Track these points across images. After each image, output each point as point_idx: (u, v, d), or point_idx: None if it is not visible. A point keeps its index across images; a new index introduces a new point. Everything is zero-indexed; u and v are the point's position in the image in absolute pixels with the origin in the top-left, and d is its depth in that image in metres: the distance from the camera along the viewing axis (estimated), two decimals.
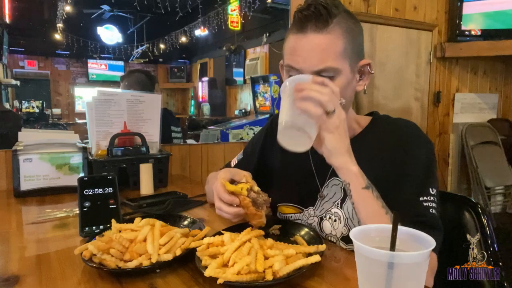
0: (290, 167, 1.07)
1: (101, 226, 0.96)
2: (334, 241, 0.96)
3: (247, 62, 6.92)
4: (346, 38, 0.87)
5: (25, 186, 1.43)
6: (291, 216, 1.04)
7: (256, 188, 0.91)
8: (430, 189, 0.87)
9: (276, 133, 1.13)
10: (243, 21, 6.88)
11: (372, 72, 0.95)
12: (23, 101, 7.62)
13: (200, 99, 8.94)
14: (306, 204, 1.02)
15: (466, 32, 3.25)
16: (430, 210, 0.85)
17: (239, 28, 7.04)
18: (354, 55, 0.90)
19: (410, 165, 0.90)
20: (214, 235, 0.81)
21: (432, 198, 0.86)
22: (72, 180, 1.46)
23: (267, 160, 1.14)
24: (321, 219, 0.98)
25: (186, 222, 0.99)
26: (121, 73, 9.78)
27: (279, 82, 5.26)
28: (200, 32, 7.92)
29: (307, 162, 1.02)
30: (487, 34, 3.21)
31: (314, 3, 0.86)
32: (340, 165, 0.83)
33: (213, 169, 1.11)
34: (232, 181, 0.93)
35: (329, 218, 0.96)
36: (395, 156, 0.91)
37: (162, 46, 9.07)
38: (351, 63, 0.89)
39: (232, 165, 1.20)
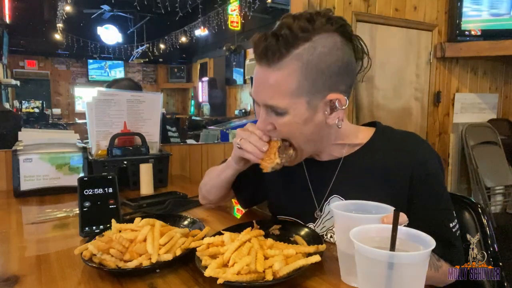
0: (287, 182, 1.04)
1: (101, 226, 0.96)
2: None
3: (247, 62, 6.92)
4: (305, 73, 0.79)
5: (25, 186, 1.43)
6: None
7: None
8: (453, 212, 0.91)
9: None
10: (243, 21, 6.88)
11: (343, 108, 0.84)
12: (23, 101, 7.63)
13: (200, 99, 8.94)
14: (305, 220, 0.99)
15: (466, 32, 3.25)
16: (457, 233, 0.90)
17: (239, 28, 7.04)
18: (317, 90, 0.81)
19: (432, 186, 0.89)
20: (214, 235, 0.81)
21: (456, 221, 0.90)
22: (72, 180, 1.46)
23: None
24: (322, 237, 0.95)
25: (186, 222, 0.99)
26: (121, 71, 9.80)
27: None
28: (200, 32, 7.92)
29: (304, 178, 0.99)
30: (487, 34, 3.21)
31: (270, 33, 0.79)
32: None
33: None
34: None
35: (331, 237, 0.94)
36: (404, 172, 0.88)
37: (162, 46, 9.08)
38: (310, 99, 0.81)
39: None
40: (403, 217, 0.67)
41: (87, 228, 0.96)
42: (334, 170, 0.94)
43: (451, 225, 0.88)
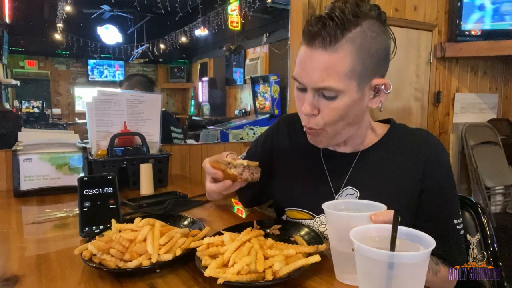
0: (302, 171, 1.03)
1: (101, 226, 0.96)
2: None
3: (247, 62, 6.91)
4: (358, 56, 0.81)
5: (25, 186, 1.43)
6: (301, 222, 1.00)
7: (237, 162, 0.90)
8: (459, 210, 0.92)
9: (284, 134, 1.12)
10: (243, 21, 6.87)
11: (388, 92, 0.88)
12: (23, 101, 7.61)
13: (200, 99, 8.93)
14: (318, 211, 0.97)
15: (466, 32, 3.25)
16: (460, 232, 0.90)
17: (239, 28, 7.03)
18: (366, 74, 0.84)
19: (442, 181, 0.90)
20: (214, 235, 0.81)
21: (461, 219, 0.91)
22: (72, 180, 1.46)
23: (274, 163, 1.10)
24: None
25: (186, 222, 0.99)
26: (121, 72, 9.81)
27: (279, 82, 5.25)
28: (200, 32, 7.91)
29: (321, 167, 0.99)
30: (487, 34, 3.21)
31: (325, 15, 0.80)
32: None
33: None
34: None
35: None
36: (416, 167, 0.90)
37: (162, 46, 9.07)
38: (359, 82, 0.83)
39: None
40: (390, 215, 0.66)
41: (87, 228, 0.96)
42: (351, 163, 0.96)
43: (455, 221, 0.90)
